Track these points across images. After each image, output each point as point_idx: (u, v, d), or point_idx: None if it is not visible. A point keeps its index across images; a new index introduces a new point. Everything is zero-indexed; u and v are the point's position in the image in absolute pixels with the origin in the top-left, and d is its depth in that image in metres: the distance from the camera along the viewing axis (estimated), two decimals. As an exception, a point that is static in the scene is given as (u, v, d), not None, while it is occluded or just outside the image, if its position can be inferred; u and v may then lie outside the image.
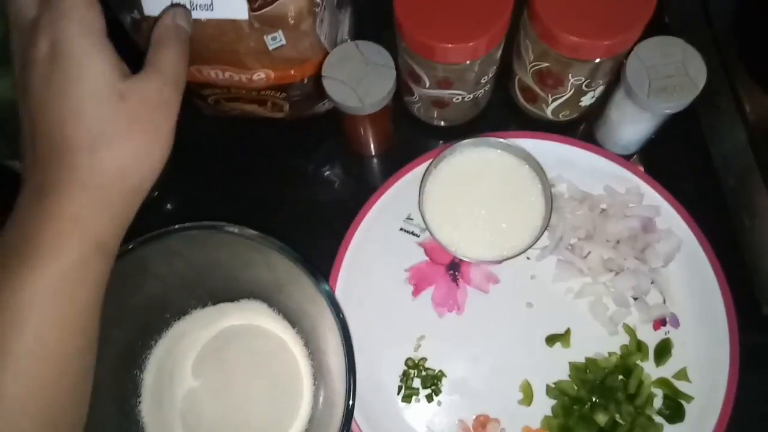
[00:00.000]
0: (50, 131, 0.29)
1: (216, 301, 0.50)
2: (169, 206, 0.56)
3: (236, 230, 0.43)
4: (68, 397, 0.30)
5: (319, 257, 0.50)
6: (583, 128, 0.54)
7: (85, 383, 0.31)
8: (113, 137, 0.29)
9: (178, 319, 0.50)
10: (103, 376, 0.44)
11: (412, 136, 0.55)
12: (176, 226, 0.43)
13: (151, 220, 0.54)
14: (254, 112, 0.51)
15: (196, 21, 0.39)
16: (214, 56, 0.43)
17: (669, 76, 0.42)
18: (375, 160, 0.56)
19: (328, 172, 0.55)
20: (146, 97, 0.30)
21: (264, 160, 0.56)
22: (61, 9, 0.29)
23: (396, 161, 0.52)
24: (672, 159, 0.52)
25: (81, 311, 0.29)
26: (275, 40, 0.40)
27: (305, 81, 0.46)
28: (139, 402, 0.48)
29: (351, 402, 0.40)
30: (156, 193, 0.55)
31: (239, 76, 0.44)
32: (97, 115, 0.29)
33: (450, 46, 0.41)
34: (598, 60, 0.42)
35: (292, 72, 0.45)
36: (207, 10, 0.39)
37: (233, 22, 0.39)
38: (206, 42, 0.41)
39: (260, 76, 0.44)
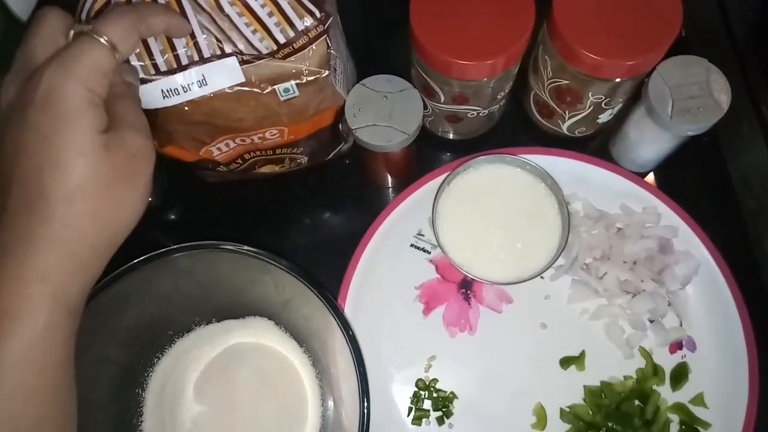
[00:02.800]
0: (26, 179, 0.27)
1: (221, 318, 0.49)
2: (172, 217, 0.55)
3: (245, 249, 0.41)
4: None
5: (328, 274, 0.48)
6: (597, 143, 0.53)
7: None
8: (93, 189, 0.28)
9: (182, 336, 0.49)
10: (102, 397, 0.44)
11: (423, 149, 0.54)
12: (182, 245, 0.41)
13: (153, 232, 0.54)
14: (272, 172, 0.49)
15: (194, 101, 0.37)
16: (223, 129, 0.40)
17: (692, 96, 0.41)
18: (385, 174, 0.54)
19: (336, 187, 0.53)
20: (128, 150, 0.30)
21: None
22: (67, 65, 0.28)
23: (406, 175, 0.51)
24: (689, 178, 0.51)
25: (51, 379, 0.28)
26: (287, 92, 0.38)
27: (323, 130, 0.44)
28: (141, 422, 0.47)
29: (365, 429, 0.39)
30: (155, 203, 0.53)
31: (252, 138, 0.42)
32: (78, 165, 0.28)
33: (468, 63, 0.39)
34: (618, 79, 0.41)
35: (310, 125, 0.43)
36: (201, 86, 0.36)
37: (249, 91, 0.37)
38: (214, 119, 0.39)
39: (274, 133, 0.41)
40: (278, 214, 0.53)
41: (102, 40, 0.29)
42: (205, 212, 0.54)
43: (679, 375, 0.46)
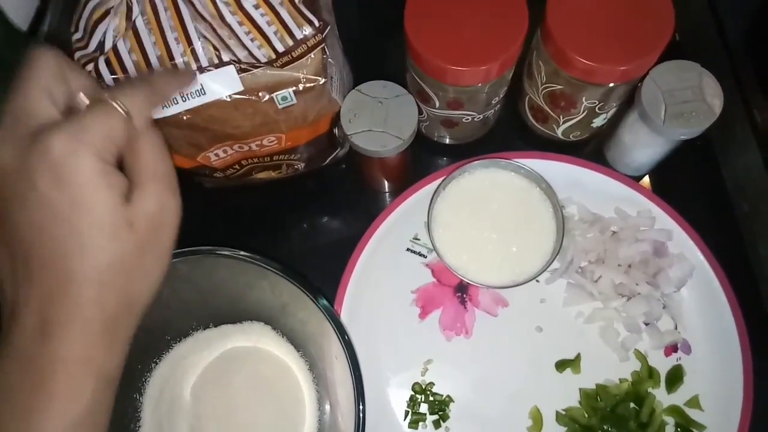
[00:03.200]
0: (53, 262, 0.27)
1: (218, 322, 0.49)
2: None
3: (242, 255, 0.42)
4: None
5: (324, 279, 0.49)
6: (592, 148, 0.53)
7: None
8: (121, 268, 0.28)
9: (180, 341, 0.49)
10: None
11: (419, 154, 0.54)
12: (180, 250, 0.42)
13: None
14: (269, 178, 0.49)
15: (191, 109, 0.37)
16: (221, 136, 0.40)
17: (685, 101, 0.41)
18: (381, 178, 0.55)
19: (333, 192, 0.54)
20: (152, 219, 0.29)
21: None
22: (78, 135, 0.26)
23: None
24: (683, 182, 0.52)
25: None
26: (285, 99, 0.38)
27: (320, 137, 0.45)
28: (139, 427, 0.47)
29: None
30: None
31: (249, 145, 0.42)
32: (105, 247, 0.27)
33: (462, 69, 0.40)
34: (612, 84, 0.42)
35: (307, 132, 0.43)
36: (199, 96, 0.36)
37: (246, 100, 0.37)
38: (212, 126, 0.39)
39: (271, 140, 0.42)
40: (275, 220, 0.53)
41: (119, 109, 0.28)
42: (202, 218, 0.54)
43: (674, 377, 0.46)
